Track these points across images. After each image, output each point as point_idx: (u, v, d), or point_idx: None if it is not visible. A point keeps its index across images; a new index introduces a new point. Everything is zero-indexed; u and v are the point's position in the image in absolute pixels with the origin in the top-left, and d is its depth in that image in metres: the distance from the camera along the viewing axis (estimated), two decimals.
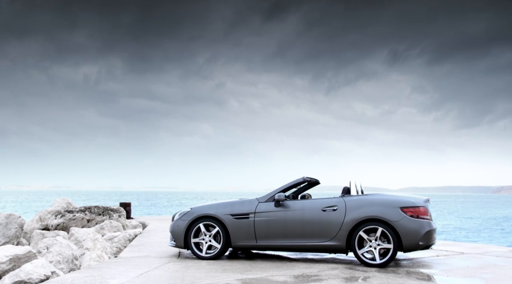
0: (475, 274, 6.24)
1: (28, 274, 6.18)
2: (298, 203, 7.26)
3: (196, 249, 7.35)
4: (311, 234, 7.00)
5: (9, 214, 7.90)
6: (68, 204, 12.16)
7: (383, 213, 6.74)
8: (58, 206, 11.92)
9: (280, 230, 7.12)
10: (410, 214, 6.73)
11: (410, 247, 6.70)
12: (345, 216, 6.88)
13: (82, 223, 11.52)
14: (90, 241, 8.88)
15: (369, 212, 6.81)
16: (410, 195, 7.22)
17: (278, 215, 7.17)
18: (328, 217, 6.96)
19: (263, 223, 7.18)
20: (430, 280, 5.84)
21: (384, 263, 6.65)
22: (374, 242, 6.74)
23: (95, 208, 11.85)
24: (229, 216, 7.29)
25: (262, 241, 7.19)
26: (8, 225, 7.76)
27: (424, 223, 6.75)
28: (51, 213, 11.60)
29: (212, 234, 7.33)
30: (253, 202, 7.36)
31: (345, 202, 7.00)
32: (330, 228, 6.92)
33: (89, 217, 11.57)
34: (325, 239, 6.93)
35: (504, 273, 6.36)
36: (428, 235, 6.74)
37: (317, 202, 7.17)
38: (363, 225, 6.80)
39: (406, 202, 6.85)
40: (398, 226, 6.66)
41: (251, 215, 7.24)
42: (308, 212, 7.08)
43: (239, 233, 7.23)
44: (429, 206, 7.07)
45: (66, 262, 8.04)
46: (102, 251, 8.90)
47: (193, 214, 7.44)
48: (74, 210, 11.61)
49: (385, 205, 6.83)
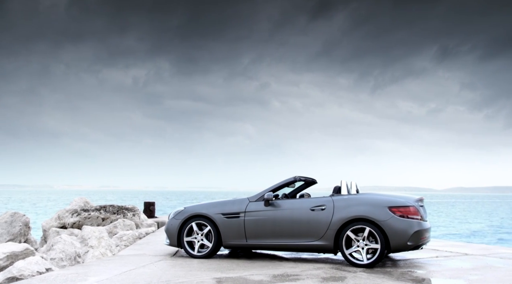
0: (462, 276, 6.04)
1: (20, 271, 6.44)
2: (287, 202, 7.23)
3: (189, 248, 7.45)
4: (300, 234, 6.96)
5: (14, 213, 8.26)
6: (85, 203, 12.54)
7: (370, 213, 6.63)
8: (75, 205, 12.31)
9: (269, 229, 7.12)
10: (399, 213, 6.59)
11: (397, 247, 6.56)
12: (333, 216, 6.81)
13: (97, 222, 11.86)
14: (95, 239, 9.15)
15: (356, 211, 6.71)
16: (401, 195, 7.06)
17: (268, 215, 7.17)
18: (317, 216, 6.91)
19: (252, 222, 7.20)
20: (411, 281, 5.70)
21: (371, 263, 6.54)
22: (362, 242, 6.64)
23: (110, 207, 12.17)
24: (220, 215, 7.35)
25: (252, 240, 7.21)
26: (13, 223, 8.12)
27: (413, 223, 6.60)
28: (68, 212, 12.01)
29: (204, 233, 7.41)
30: (244, 202, 7.39)
31: (333, 202, 6.93)
32: (318, 227, 6.87)
33: (103, 215, 11.90)
34: (313, 238, 6.89)
35: (495, 274, 6.13)
36: (417, 235, 6.57)
37: (306, 202, 7.13)
38: (350, 224, 6.71)
39: (395, 201, 6.71)
40: (385, 225, 6.54)
41: (241, 214, 7.28)
42: (297, 212, 7.05)
43: (230, 232, 7.28)
44: (420, 205, 6.89)
45: (69, 259, 8.33)
46: (107, 249, 9.15)
47: (186, 213, 7.55)
48: (89, 209, 11.97)
49: (373, 204, 6.72)
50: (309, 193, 8.40)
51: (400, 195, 7.00)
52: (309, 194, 8.22)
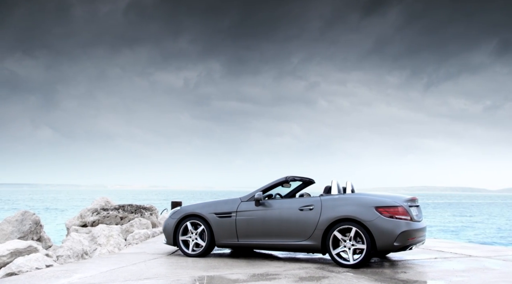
0: (447, 277, 5.89)
1: (18, 267, 6.79)
2: (277, 202, 7.26)
3: (184, 247, 7.61)
4: (289, 233, 6.98)
5: (25, 212, 8.70)
6: (106, 202, 12.99)
7: (356, 213, 6.56)
8: (96, 204, 12.78)
9: (260, 229, 7.18)
10: (386, 214, 6.49)
11: (384, 247, 6.46)
12: (321, 216, 6.79)
13: (116, 221, 12.27)
14: (104, 238, 9.49)
15: (343, 211, 6.66)
16: (392, 195, 6.94)
17: (258, 214, 7.22)
18: (305, 216, 6.90)
19: (243, 222, 7.27)
20: (390, 281, 5.60)
21: (358, 263, 6.48)
22: (349, 242, 6.59)
23: (128, 206, 12.56)
24: (214, 215, 7.47)
25: (243, 239, 7.28)
26: (23, 222, 8.56)
27: (401, 223, 6.47)
28: (89, 211, 12.49)
29: (198, 232, 7.55)
30: (236, 201, 7.47)
31: (321, 202, 6.90)
32: (306, 227, 6.86)
33: (122, 215, 12.29)
34: (301, 238, 6.88)
35: (482, 276, 5.93)
36: (404, 235, 6.45)
37: (296, 201, 7.14)
38: (337, 224, 6.67)
39: (381, 201, 6.61)
40: (371, 226, 6.45)
41: (233, 214, 7.37)
42: (286, 211, 7.07)
43: (222, 232, 7.38)
44: (410, 206, 6.74)
45: (76, 256, 8.67)
46: (115, 247, 9.48)
47: (181, 212, 7.71)
48: (109, 208, 12.39)
49: (360, 204, 6.65)
50: (310, 193, 8.39)
51: (390, 195, 6.88)
52: (309, 194, 8.20)
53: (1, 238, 8.41)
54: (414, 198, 7.06)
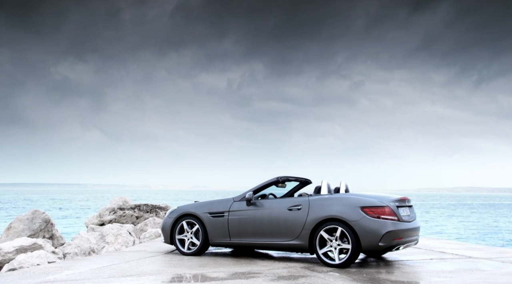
0: (427, 278, 5.83)
1: (20, 263, 7.15)
2: (268, 202, 7.34)
3: (180, 245, 7.79)
4: (278, 233, 7.04)
5: (35, 210, 9.11)
6: (124, 202, 13.37)
7: (342, 213, 6.57)
8: (114, 204, 13.18)
9: (250, 228, 7.27)
10: (371, 214, 6.47)
11: (369, 247, 6.43)
12: (308, 216, 6.83)
13: (132, 220, 12.63)
14: (112, 236, 9.81)
15: (329, 211, 6.68)
16: (380, 195, 6.90)
17: (249, 214, 7.32)
18: (293, 216, 6.96)
19: (235, 221, 7.39)
20: (367, 281, 5.59)
21: (343, 263, 6.48)
22: (335, 242, 6.60)
23: (144, 206, 12.90)
24: (208, 215, 7.62)
25: (235, 239, 7.40)
26: (33, 220, 8.97)
27: (386, 223, 6.43)
28: (108, 210, 12.91)
29: (193, 231, 7.72)
30: (229, 201, 7.60)
31: (309, 202, 6.94)
32: (294, 227, 6.91)
33: (137, 214, 12.65)
34: (290, 238, 6.94)
35: (465, 278, 5.82)
36: (390, 236, 6.40)
37: (285, 201, 7.19)
38: (324, 224, 6.69)
39: (367, 202, 6.59)
40: (356, 226, 6.44)
41: (226, 213, 7.49)
42: (275, 211, 7.14)
43: (215, 231, 7.52)
44: (398, 206, 6.68)
45: (83, 254, 9.02)
46: (122, 245, 9.78)
47: (178, 212, 7.90)
48: (125, 208, 12.77)
49: (346, 205, 6.64)
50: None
51: (378, 195, 6.84)
52: (308, 193, 8.23)
53: (13, 235, 8.85)
54: (405, 198, 6.98)
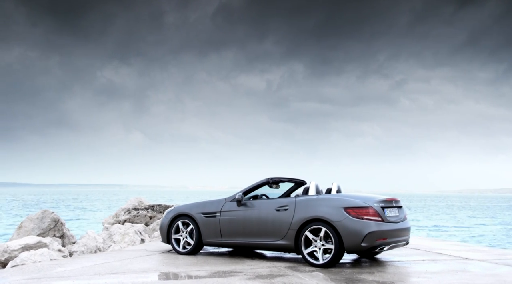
0: (406, 279, 5.82)
1: (22, 260, 7.54)
2: (257, 202, 7.45)
3: (176, 245, 8.00)
4: (266, 233, 7.15)
5: (45, 210, 9.55)
6: (139, 202, 13.72)
7: (326, 213, 6.62)
8: (129, 204, 13.55)
9: (240, 228, 7.41)
10: (354, 214, 6.49)
11: (351, 248, 6.46)
12: (294, 216, 6.91)
13: (145, 220, 12.97)
14: (119, 235, 10.15)
15: (313, 212, 6.74)
16: (365, 195, 6.90)
17: (239, 214, 7.46)
18: (280, 217, 7.05)
19: (226, 221, 7.54)
20: (343, 281, 5.63)
21: (326, 263, 6.53)
22: (319, 242, 6.66)
23: (157, 206, 13.21)
24: (201, 215, 7.80)
25: (226, 238, 7.55)
26: (43, 219, 9.41)
27: (369, 224, 6.44)
28: (123, 210, 13.30)
29: (188, 231, 7.92)
30: (221, 202, 7.76)
31: (295, 202, 7.01)
32: (281, 227, 7.00)
33: (151, 214, 12.98)
34: (277, 238, 7.04)
35: (445, 278, 5.79)
36: (372, 236, 6.41)
37: (273, 202, 7.29)
38: (309, 225, 6.76)
39: (350, 202, 6.61)
40: (339, 226, 6.48)
41: (218, 214, 7.66)
42: (264, 212, 7.25)
43: (208, 231, 7.70)
44: (383, 207, 6.66)
45: (89, 252, 9.38)
46: (128, 244, 10.10)
47: (174, 212, 8.12)
48: (139, 208, 13.13)
49: (330, 205, 6.69)
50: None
51: (363, 196, 6.85)
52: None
53: (23, 234, 9.31)
54: (392, 199, 6.96)
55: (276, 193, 8.28)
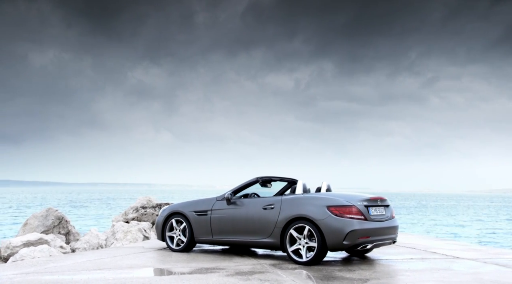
0: (382, 277, 5.83)
1: (22, 256, 7.84)
2: (246, 201, 7.57)
3: (170, 242, 8.20)
4: (253, 231, 7.27)
5: (49, 208, 9.87)
6: (148, 201, 14.01)
7: (309, 212, 6.70)
8: (138, 203, 13.85)
9: (229, 226, 7.55)
10: (336, 213, 6.55)
11: (333, 246, 6.52)
12: (279, 214, 7.00)
13: (153, 218, 13.22)
14: (121, 233, 10.40)
15: (297, 210, 6.83)
16: (349, 194, 6.94)
17: (229, 213, 7.60)
18: (266, 215, 7.15)
19: (216, 219, 7.69)
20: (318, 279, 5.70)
21: (309, 261, 6.60)
22: (303, 240, 6.73)
23: (164, 205, 13.47)
24: (193, 213, 7.97)
25: (217, 236, 7.69)
26: (47, 217, 9.73)
27: (352, 222, 6.48)
28: (132, 208, 13.61)
29: (181, 229, 8.10)
30: (212, 200, 7.91)
31: (281, 201, 7.11)
32: (267, 225, 7.11)
33: (157, 212, 13.23)
34: (263, 236, 7.14)
35: (421, 276, 5.78)
36: (354, 234, 6.45)
37: (260, 201, 7.40)
38: (293, 223, 6.84)
39: (333, 201, 6.67)
40: (322, 224, 6.55)
41: (209, 212, 7.81)
42: (251, 210, 7.36)
43: (200, 229, 7.86)
44: (366, 205, 6.69)
45: (92, 249, 9.65)
46: (130, 242, 10.34)
47: (168, 210, 8.32)
48: (147, 207, 13.40)
49: (314, 204, 6.76)
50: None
51: (347, 195, 6.89)
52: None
53: (28, 231, 9.65)
54: (377, 197, 6.99)
55: (270, 192, 8.39)
